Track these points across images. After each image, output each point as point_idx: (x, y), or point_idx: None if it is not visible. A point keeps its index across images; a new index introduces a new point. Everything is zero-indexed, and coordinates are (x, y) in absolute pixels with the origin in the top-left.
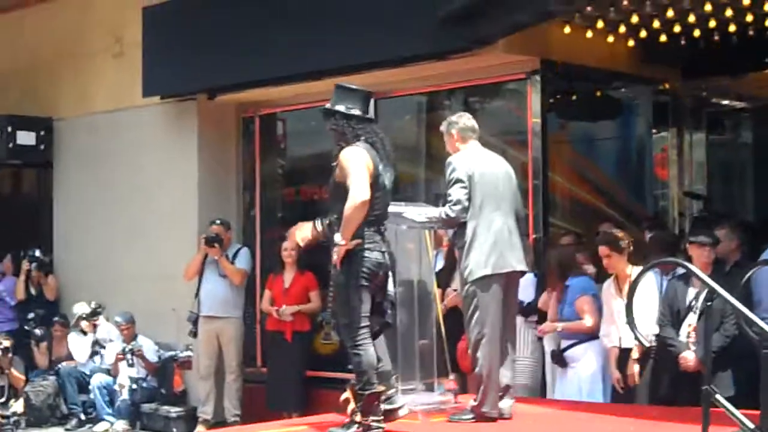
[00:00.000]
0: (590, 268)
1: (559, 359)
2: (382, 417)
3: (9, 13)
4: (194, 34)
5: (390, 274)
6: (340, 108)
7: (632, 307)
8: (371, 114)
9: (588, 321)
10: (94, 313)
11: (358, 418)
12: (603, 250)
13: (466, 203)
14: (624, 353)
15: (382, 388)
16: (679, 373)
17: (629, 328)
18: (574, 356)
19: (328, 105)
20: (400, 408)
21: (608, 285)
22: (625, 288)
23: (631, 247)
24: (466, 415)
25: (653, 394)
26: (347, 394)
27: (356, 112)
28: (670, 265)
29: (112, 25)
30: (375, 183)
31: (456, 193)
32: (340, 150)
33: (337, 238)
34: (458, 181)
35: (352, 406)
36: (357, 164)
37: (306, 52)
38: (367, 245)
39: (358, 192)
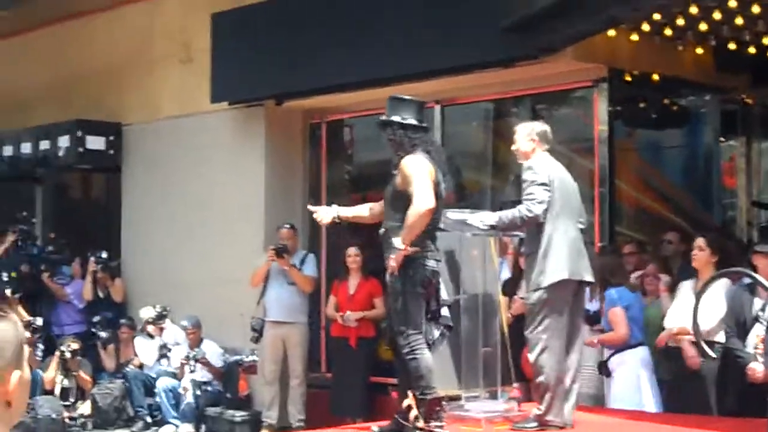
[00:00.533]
0: (664, 277)
1: (604, 369)
2: (444, 423)
3: (79, 19)
4: (262, 40)
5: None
6: (396, 118)
7: (698, 317)
8: (425, 123)
9: (619, 331)
10: (160, 317)
11: (420, 423)
12: (700, 241)
13: (547, 205)
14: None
15: (442, 393)
16: (747, 385)
17: (695, 338)
18: (612, 366)
19: (383, 117)
20: None
21: (689, 283)
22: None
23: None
24: (530, 423)
25: (719, 406)
26: (410, 401)
27: (412, 121)
28: (737, 275)
29: (180, 31)
30: (436, 192)
31: (539, 193)
32: (401, 159)
33: (397, 242)
34: (541, 182)
35: (414, 412)
36: (421, 173)
37: (372, 59)
38: (426, 253)
39: (424, 200)
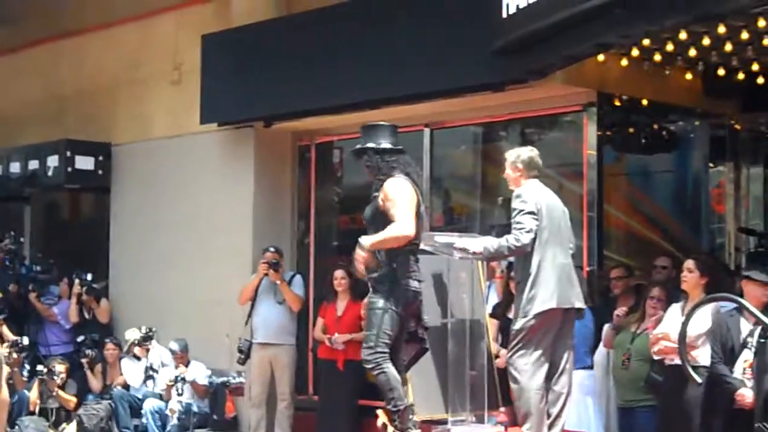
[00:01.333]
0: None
1: None
2: (420, 430)
3: (70, 39)
4: (252, 62)
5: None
6: (370, 144)
7: (685, 342)
8: (400, 146)
9: None
10: (146, 338)
11: None
12: (689, 263)
13: (535, 234)
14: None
15: (410, 401)
16: (733, 411)
17: (681, 362)
18: None
19: (358, 146)
20: None
21: (677, 305)
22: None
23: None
24: None
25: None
26: (383, 419)
27: (386, 145)
28: (726, 300)
29: (171, 51)
30: (417, 213)
31: (528, 222)
32: (382, 182)
33: (365, 240)
34: (529, 211)
35: (390, 430)
36: (403, 197)
37: (362, 81)
38: (408, 273)
39: (404, 226)
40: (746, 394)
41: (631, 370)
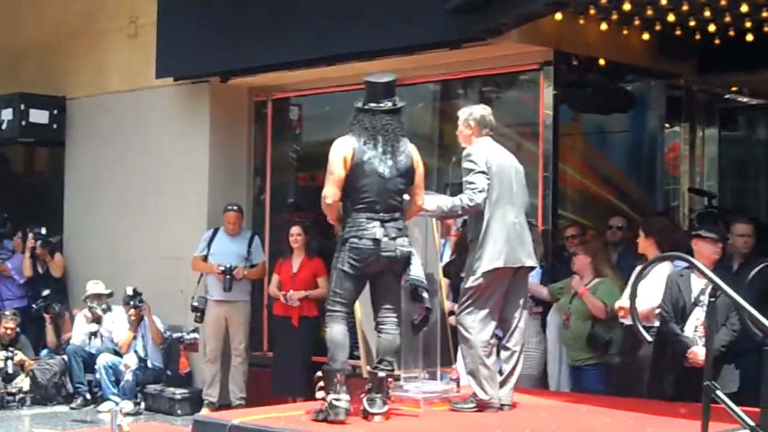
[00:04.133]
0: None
1: None
2: (344, 397)
3: None
4: (208, 16)
5: (413, 261)
6: (356, 104)
7: (635, 299)
8: (384, 103)
9: None
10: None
11: (321, 395)
12: (640, 231)
13: (487, 193)
14: None
15: (342, 367)
16: (684, 369)
17: (632, 320)
18: None
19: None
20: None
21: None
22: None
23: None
24: (468, 404)
25: (652, 390)
26: (319, 374)
27: (358, 104)
28: (676, 258)
29: (128, 5)
30: (359, 170)
31: (480, 181)
32: None
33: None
34: (480, 171)
35: (320, 384)
36: (330, 160)
37: (319, 37)
38: (356, 232)
39: (324, 193)
40: (698, 352)
41: (572, 329)
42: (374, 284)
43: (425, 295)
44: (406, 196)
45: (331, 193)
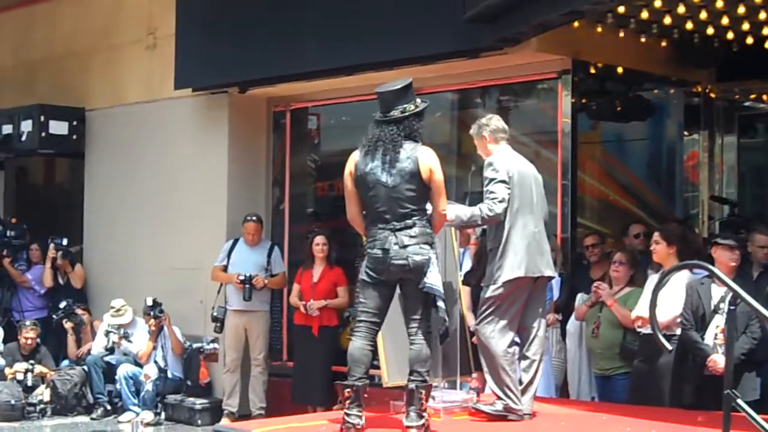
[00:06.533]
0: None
1: None
2: (355, 412)
3: (45, 3)
4: (227, 27)
5: (431, 269)
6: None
7: (656, 308)
8: (392, 113)
9: None
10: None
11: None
12: (656, 235)
13: (508, 203)
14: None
15: (354, 383)
16: (704, 378)
17: (651, 329)
18: None
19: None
20: None
21: (655, 276)
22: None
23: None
24: (492, 407)
25: (673, 399)
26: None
27: (375, 116)
28: (695, 267)
29: (146, 16)
30: (363, 182)
31: (501, 191)
32: None
33: None
34: (501, 180)
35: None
36: (344, 178)
37: (337, 47)
38: (371, 243)
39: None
40: (718, 360)
41: (602, 338)
42: (401, 294)
43: (440, 304)
44: (429, 206)
45: (347, 209)
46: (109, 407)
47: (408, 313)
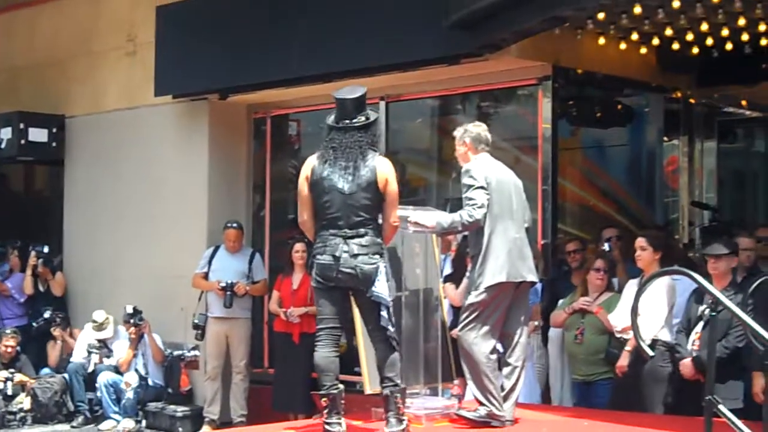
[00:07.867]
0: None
1: None
2: (334, 420)
3: (23, 10)
4: (207, 34)
5: (379, 278)
6: (327, 121)
7: (637, 313)
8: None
9: None
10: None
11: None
12: (641, 241)
13: (487, 208)
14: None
15: (328, 391)
16: (684, 381)
17: (633, 333)
18: None
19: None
20: None
21: (634, 282)
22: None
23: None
24: (474, 414)
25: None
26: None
27: (329, 121)
28: (677, 273)
29: (126, 23)
30: (319, 187)
31: (480, 197)
32: None
33: None
34: (480, 186)
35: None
36: (299, 182)
37: (318, 54)
38: (320, 249)
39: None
40: (686, 363)
41: (586, 344)
42: (356, 305)
43: (383, 313)
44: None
45: (299, 213)
46: (89, 415)
47: (365, 323)
